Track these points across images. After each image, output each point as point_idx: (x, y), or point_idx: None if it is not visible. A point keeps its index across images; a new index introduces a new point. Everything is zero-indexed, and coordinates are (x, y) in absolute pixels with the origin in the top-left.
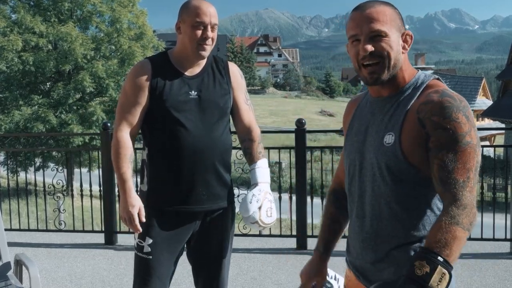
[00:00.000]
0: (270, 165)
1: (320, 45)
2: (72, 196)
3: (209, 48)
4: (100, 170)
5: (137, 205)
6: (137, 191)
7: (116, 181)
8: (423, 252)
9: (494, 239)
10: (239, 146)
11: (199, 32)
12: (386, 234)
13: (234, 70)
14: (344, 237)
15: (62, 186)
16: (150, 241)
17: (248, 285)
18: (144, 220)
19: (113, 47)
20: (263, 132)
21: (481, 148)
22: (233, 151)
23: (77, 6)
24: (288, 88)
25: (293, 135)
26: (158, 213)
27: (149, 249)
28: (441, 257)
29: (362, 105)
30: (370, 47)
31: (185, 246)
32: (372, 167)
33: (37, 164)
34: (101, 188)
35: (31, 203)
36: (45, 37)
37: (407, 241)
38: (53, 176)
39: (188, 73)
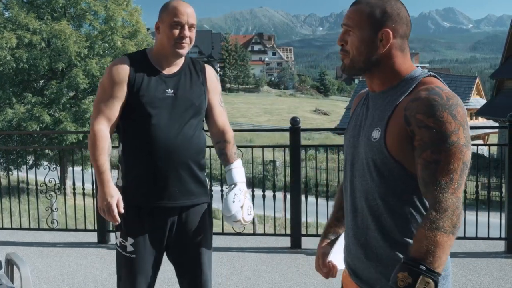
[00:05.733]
0: (264, 164)
1: (314, 44)
2: (65, 194)
3: (186, 46)
4: (93, 168)
5: (115, 196)
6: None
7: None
8: (405, 263)
9: (489, 238)
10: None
11: (177, 31)
12: (373, 231)
13: (210, 72)
14: None
15: (55, 185)
16: (132, 240)
17: (242, 284)
18: (122, 211)
19: (107, 45)
20: (257, 130)
21: (471, 148)
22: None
23: (70, 3)
24: (282, 87)
25: (287, 134)
26: (136, 210)
27: (132, 248)
28: (424, 265)
29: (363, 99)
30: (339, 41)
31: (166, 250)
32: (362, 162)
33: (30, 162)
34: (94, 187)
35: (24, 202)
36: (39, 34)
37: (393, 240)
38: (46, 174)
39: (166, 71)
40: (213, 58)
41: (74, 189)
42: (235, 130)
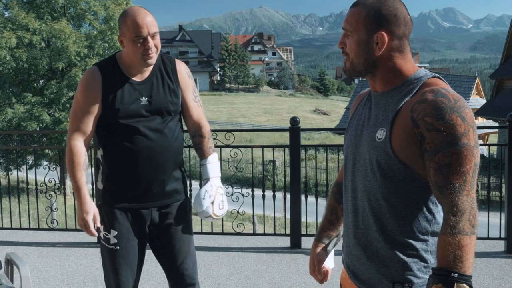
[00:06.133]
0: (264, 164)
1: (314, 44)
2: (65, 194)
3: (154, 55)
4: (93, 168)
5: (91, 212)
6: (93, 188)
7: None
8: (436, 274)
9: (488, 238)
10: (229, 144)
11: (140, 45)
12: (375, 231)
13: (182, 70)
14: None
15: (55, 185)
16: (115, 232)
17: (241, 284)
18: (99, 225)
19: (107, 44)
20: (257, 130)
21: (479, 148)
22: (227, 150)
23: (70, 3)
24: (282, 87)
25: (287, 134)
26: (116, 208)
27: (116, 240)
28: (455, 272)
29: (364, 99)
30: (339, 44)
31: (149, 243)
32: (364, 162)
33: (30, 162)
34: (94, 187)
35: (23, 202)
36: (38, 34)
37: (394, 241)
38: (45, 174)
39: (137, 78)
40: (212, 58)
41: None
42: (235, 130)
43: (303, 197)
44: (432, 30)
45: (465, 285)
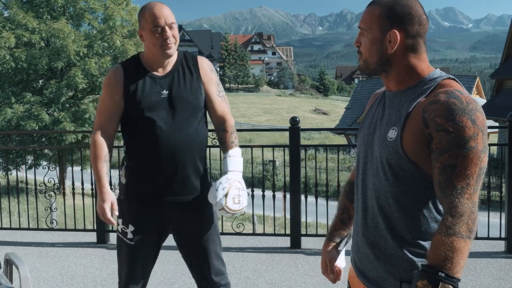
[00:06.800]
0: (264, 164)
1: (314, 43)
2: (64, 194)
3: (173, 45)
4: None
5: (109, 200)
6: (120, 183)
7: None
8: (424, 271)
9: (489, 238)
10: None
11: (159, 35)
12: (384, 229)
13: (204, 64)
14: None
15: (54, 184)
16: (133, 228)
17: (241, 284)
18: (117, 213)
19: (106, 44)
20: (257, 130)
21: (488, 153)
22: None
23: (69, 3)
24: (282, 86)
25: (287, 134)
26: (139, 201)
27: (132, 236)
28: (443, 272)
29: (379, 98)
30: (355, 43)
31: (173, 237)
32: (376, 161)
33: (29, 162)
34: (94, 187)
35: (23, 202)
36: (38, 33)
37: (403, 240)
38: (45, 174)
39: (159, 73)
40: (212, 58)
41: (73, 189)
42: None
43: (303, 197)
44: (432, 29)
45: (450, 286)
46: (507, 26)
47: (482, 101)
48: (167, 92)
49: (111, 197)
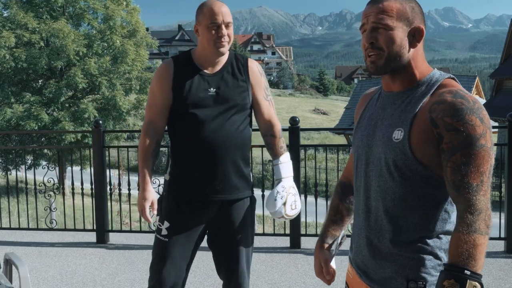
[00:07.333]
0: (263, 164)
1: (313, 43)
2: (64, 194)
3: (226, 44)
4: (92, 168)
5: (149, 199)
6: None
7: (107, 179)
8: (449, 270)
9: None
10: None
11: (214, 32)
12: (389, 231)
13: (254, 67)
14: (348, 236)
15: (54, 184)
16: (168, 225)
17: None
18: (155, 212)
19: (106, 44)
20: (255, 130)
21: (494, 150)
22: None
23: (69, 3)
24: (281, 86)
25: (286, 133)
26: (178, 200)
27: (166, 232)
28: (468, 270)
29: (374, 99)
30: (370, 39)
31: (206, 234)
32: (379, 162)
33: (29, 162)
34: (93, 186)
35: (22, 202)
36: (37, 33)
37: (410, 240)
38: (44, 174)
39: (209, 71)
40: None
41: (73, 189)
42: None
43: (302, 197)
44: (431, 29)
45: (477, 283)
46: (507, 26)
47: (482, 101)
48: (215, 90)
49: (152, 196)
